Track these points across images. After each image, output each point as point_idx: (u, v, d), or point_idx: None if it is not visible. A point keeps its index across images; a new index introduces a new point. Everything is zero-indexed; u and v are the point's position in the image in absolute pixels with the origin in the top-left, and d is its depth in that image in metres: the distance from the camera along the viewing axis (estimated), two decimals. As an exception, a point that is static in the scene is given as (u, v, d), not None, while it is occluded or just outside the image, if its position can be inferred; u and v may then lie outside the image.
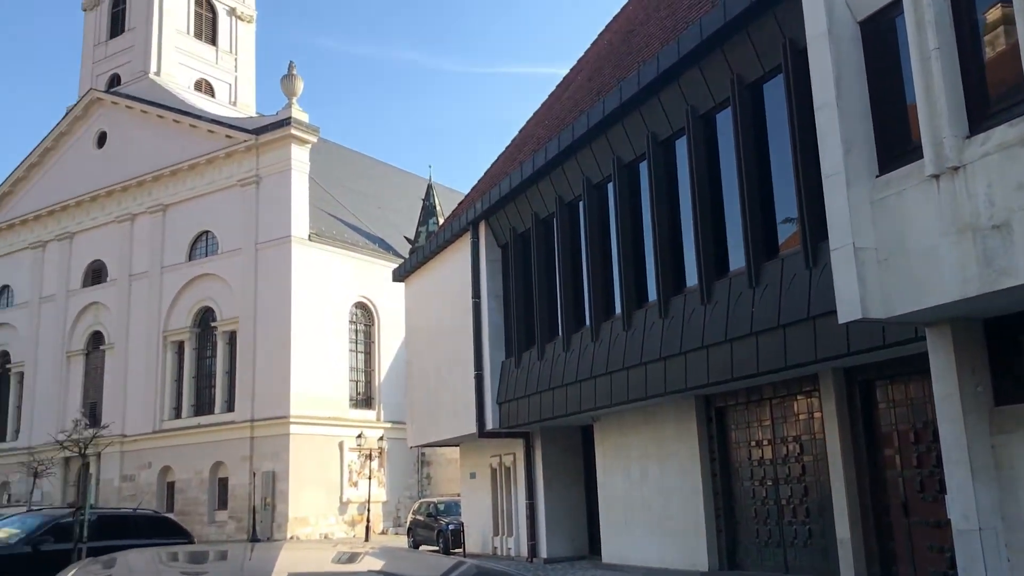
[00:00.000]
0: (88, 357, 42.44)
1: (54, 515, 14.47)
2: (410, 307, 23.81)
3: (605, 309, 15.15)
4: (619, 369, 14.05)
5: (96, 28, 46.97)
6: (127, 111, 42.54)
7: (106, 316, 41.72)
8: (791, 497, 12.40)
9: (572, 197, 16.47)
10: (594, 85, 17.61)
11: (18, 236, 46.15)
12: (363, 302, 39.11)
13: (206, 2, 47.14)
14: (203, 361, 38.83)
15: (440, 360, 21.02)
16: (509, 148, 22.43)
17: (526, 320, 17.78)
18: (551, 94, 22.73)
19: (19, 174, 46.47)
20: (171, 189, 40.38)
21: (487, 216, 18.98)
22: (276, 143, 37.33)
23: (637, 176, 14.61)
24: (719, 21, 11.35)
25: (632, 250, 14.47)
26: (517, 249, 18.38)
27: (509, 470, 19.96)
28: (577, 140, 15.29)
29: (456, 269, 20.28)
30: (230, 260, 37.77)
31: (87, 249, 43.35)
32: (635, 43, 16.92)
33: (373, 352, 39.37)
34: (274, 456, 34.56)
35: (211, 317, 38.35)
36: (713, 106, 12.51)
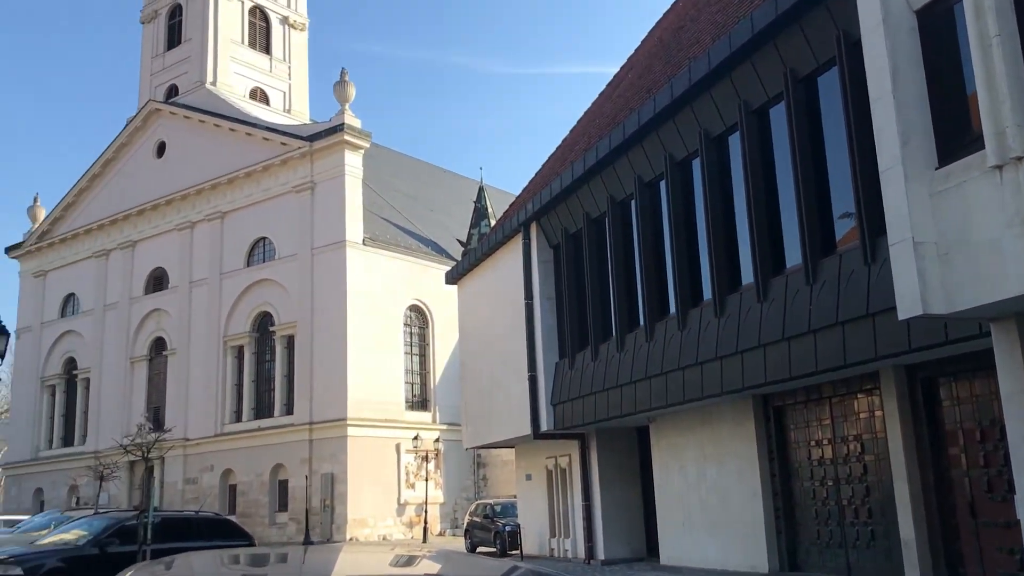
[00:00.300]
0: (151, 363, 43.41)
1: (119, 518, 14.84)
2: (463, 309, 23.89)
3: (659, 308, 15.03)
4: (674, 369, 13.91)
5: (154, 40, 48.06)
6: (185, 121, 43.44)
7: (168, 322, 42.64)
8: (852, 497, 12.16)
9: (624, 196, 16.37)
10: (644, 83, 17.48)
11: (82, 245, 47.39)
12: (417, 305, 39.38)
13: (260, 12, 47.92)
14: (262, 365, 39.47)
15: (494, 362, 21.05)
16: (560, 148, 22.38)
17: (579, 321, 17.71)
18: (601, 93, 22.63)
19: (82, 185, 47.73)
20: (229, 196, 41.12)
21: (538, 217, 18.95)
22: (330, 149, 37.79)
23: (690, 173, 14.47)
24: (771, 15, 11.19)
25: (686, 248, 14.33)
26: (569, 250, 18.33)
27: (565, 471, 19.91)
28: (628, 138, 15.19)
29: (508, 271, 20.29)
30: (287, 265, 38.34)
31: (149, 257, 44.36)
32: (685, 39, 16.77)
33: (428, 354, 39.62)
34: (332, 458, 34.98)
35: (269, 322, 38.95)
36: (766, 101, 12.34)
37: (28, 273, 50.23)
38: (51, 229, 49.03)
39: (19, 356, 49.55)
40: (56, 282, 48.71)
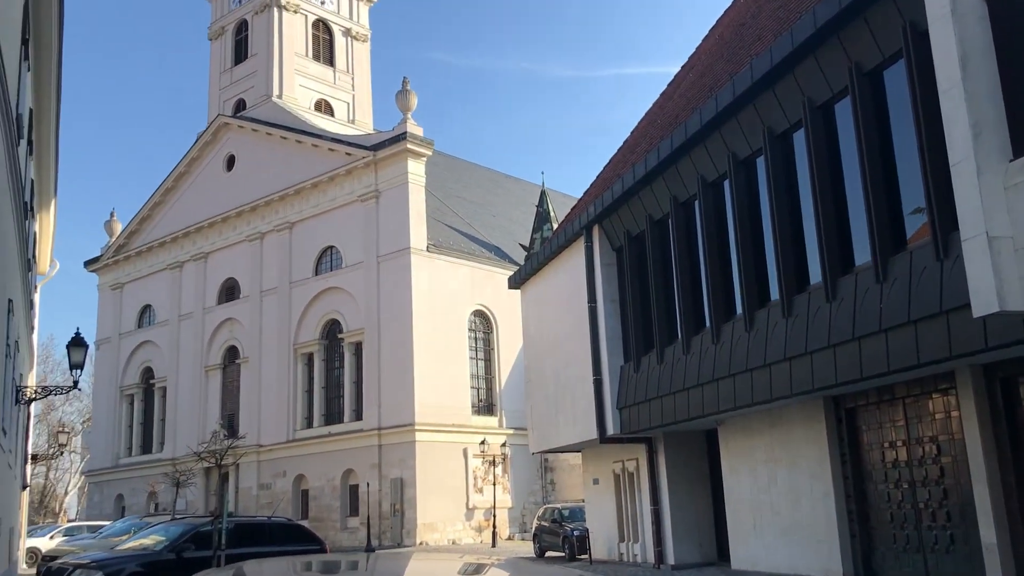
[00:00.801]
0: (225, 371, 44.42)
1: (195, 523, 15.22)
2: (527, 313, 23.91)
3: (725, 310, 14.83)
4: (742, 371, 13.72)
5: (221, 56, 49.23)
6: (253, 134, 44.40)
7: (240, 331, 43.58)
8: (929, 500, 11.83)
9: (687, 196, 16.21)
10: (706, 81, 17.30)
11: (157, 258, 48.75)
12: (481, 310, 39.57)
13: (323, 25, 48.73)
14: (331, 372, 40.08)
15: (559, 366, 21.02)
16: (621, 150, 22.27)
17: (644, 324, 17.57)
18: (662, 93, 22.45)
19: (156, 199, 49.11)
20: (296, 207, 41.89)
21: (600, 220, 18.87)
22: (393, 158, 38.24)
23: (754, 172, 14.26)
24: (834, 8, 10.97)
25: (752, 248, 14.11)
26: (632, 252, 18.21)
27: (632, 475, 19.77)
28: (690, 138, 15.03)
29: (571, 274, 20.25)
30: (353, 273, 38.89)
31: (221, 268, 45.42)
32: (747, 37, 16.55)
33: (493, 359, 39.77)
34: (401, 463, 35.33)
35: (338, 329, 39.54)
36: (831, 96, 12.10)
37: (106, 286, 51.85)
38: (127, 243, 50.54)
39: (99, 367, 51.17)
40: (133, 294, 50.19)
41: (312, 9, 48.20)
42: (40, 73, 13.59)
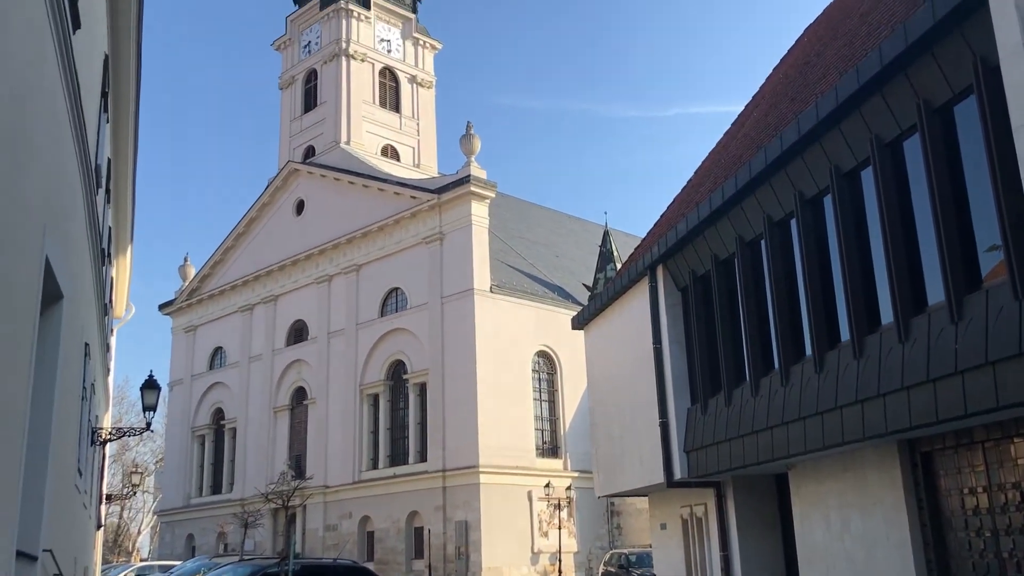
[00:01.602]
0: (293, 412, 45.06)
1: (262, 565, 15.38)
2: (591, 354, 23.77)
3: (794, 351, 14.53)
4: (812, 414, 13.39)
5: (292, 105, 50.65)
6: (321, 179, 45.44)
7: (308, 372, 44.23)
8: (1014, 550, 11.31)
9: (753, 236, 16.02)
10: (771, 120, 17.17)
11: (229, 301, 49.92)
12: (545, 351, 39.50)
13: (389, 73, 49.84)
14: (396, 413, 40.35)
15: (624, 408, 20.81)
16: (685, 189, 22.17)
17: (711, 365, 17.31)
18: (726, 132, 22.35)
19: (228, 243, 50.43)
20: (363, 250, 42.59)
21: (665, 260, 18.73)
22: (457, 201, 38.70)
23: (821, 210, 14.03)
24: (900, 45, 10.81)
25: (820, 288, 13.85)
26: (697, 292, 18.02)
27: (701, 521, 19.36)
28: (755, 177, 14.88)
29: (635, 315, 20.10)
30: (418, 314, 39.25)
31: (290, 310, 46.30)
32: (812, 75, 16.41)
33: (557, 401, 39.60)
34: (466, 506, 35.21)
35: (403, 370, 39.86)
36: (899, 133, 11.88)
37: (179, 328, 53.22)
38: (200, 286, 51.90)
39: (172, 408, 52.37)
40: (205, 336, 51.40)
41: (379, 58, 49.35)
42: (118, 124, 14.14)
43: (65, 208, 7.79)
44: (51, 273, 6.67)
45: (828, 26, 19.29)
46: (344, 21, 48.70)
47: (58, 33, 6.48)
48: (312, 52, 50.34)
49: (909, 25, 10.65)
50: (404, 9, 52.09)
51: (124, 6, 11.33)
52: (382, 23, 50.41)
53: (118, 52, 12.23)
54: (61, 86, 6.96)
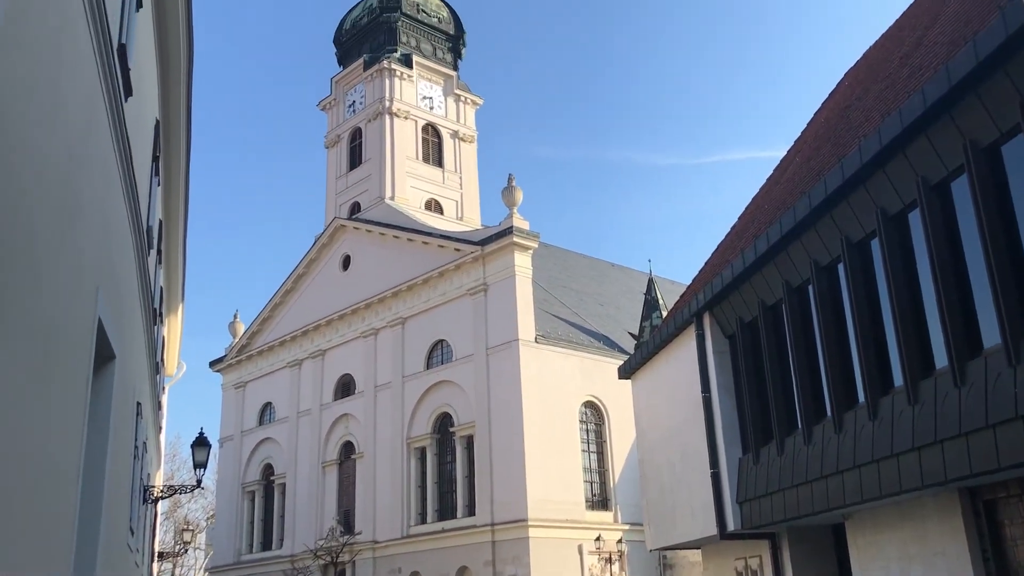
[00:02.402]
0: (341, 466, 45.09)
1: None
2: (638, 404, 23.52)
3: (846, 398, 14.23)
4: (868, 462, 13.05)
5: (337, 162, 51.63)
6: (367, 234, 46.04)
7: (356, 426, 44.34)
8: (1088, 603, 10.84)
9: (800, 281, 15.82)
10: (814, 165, 17.06)
11: (278, 356, 50.43)
12: (592, 401, 39.19)
13: (432, 129, 50.65)
14: (444, 466, 40.16)
15: (673, 458, 20.49)
16: (729, 235, 22.04)
17: (761, 413, 17.02)
18: (769, 178, 22.26)
19: (277, 299, 51.13)
20: (408, 303, 42.89)
21: (711, 307, 18.57)
22: (500, 252, 38.89)
23: (869, 254, 13.83)
24: (943, 87, 10.72)
25: (871, 333, 13.59)
26: (745, 339, 17.79)
27: (756, 573, 18.86)
28: (800, 222, 14.75)
29: (683, 363, 19.89)
30: (464, 366, 39.25)
31: (337, 364, 46.61)
32: (854, 119, 16.32)
33: (605, 452, 39.15)
34: (515, 560, 34.76)
35: (449, 423, 39.77)
36: (946, 175, 11.72)
37: (229, 385, 53.81)
38: (250, 343, 52.54)
39: (222, 464, 52.74)
40: (254, 392, 51.89)
41: (421, 115, 50.21)
42: (169, 186, 14.51)
43: (117, 270, 7.97)
44: (103, 334, 6.81)
45: (868, 70, 19.23)
46: (388, 80, 49.72)
47: (111, 100, 6.70)
48: (357, 111, 51.40)
49: (952, 66, 10.58)
50: (445, 67, 53.07)
51: (174, 73, 11.69)
52: (424, 81, 51.37)
53: (169, 117, 12.60)
54: (114, 151, 7.17)
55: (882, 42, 20.34)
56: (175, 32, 11.27)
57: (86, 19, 5.77)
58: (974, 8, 12.44)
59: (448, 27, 54.92)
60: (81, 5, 5.61)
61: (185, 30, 11.37)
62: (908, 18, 18.87)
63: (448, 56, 54.40)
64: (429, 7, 54.49)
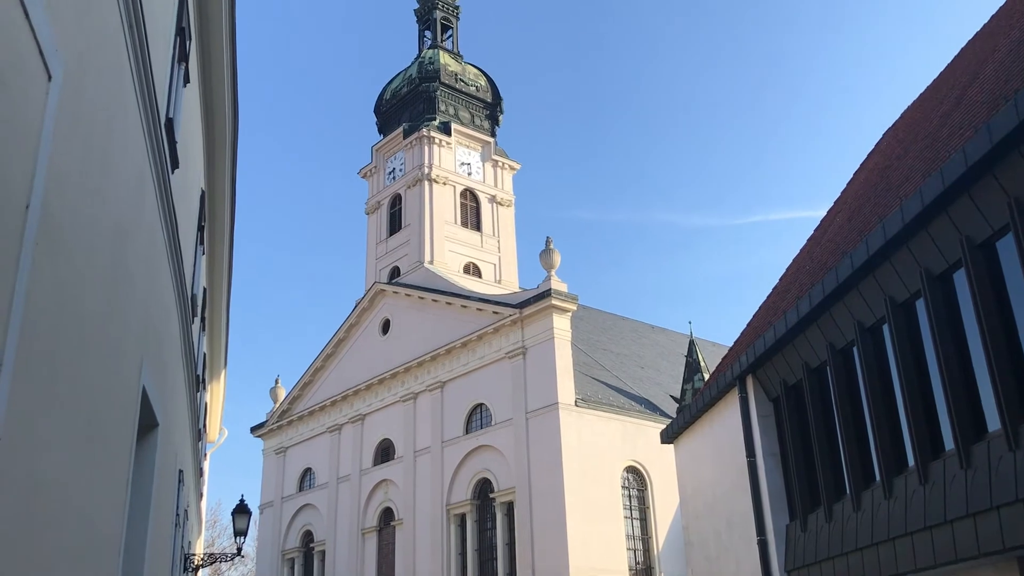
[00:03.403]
0: (380, 533, 44.69)
1: None
2: (682, 469, 23.11)
3: (896, 462, 13.87)
4: (920, 529, 12.65)
5: (377, 228, 52.33)
6: (406, 298, 46.34)
7: (395, 492, 44.05)
8: None
9: (844, 343, 15.58)
10: (855, 225, 16.93)
11: (318, 421, 50.53)
12: (634, 466, 38.59)
13: (470, 194, 51.26)
14: (484, 533, 39.62)
15: (719, 524, 20.03)
16: (771, 296, 21.83)
17: (808, 479, 16.63)
18: (809, 238, 22.10)
19: (317, 364, 51.42)
20: (447, 366, 42.87)
21: (754, 369, 18.31)
22: (538, 315, 38.86)
23: (914, 315, 13.60)
24: (985, 146, 10.64)
25: (919, 395, 13.29)
26: (790, 402, 17.48)
27: (807, 645, 18.22)
28: (843, 283, 14.59)
29: (726, 427, 19.57)
30: (503, 431, 38.98)
31: (377, 429, 46.56)
32: (894, 178, 16.23)
33: (649, 518, 38.39)
34: (557, 630, 33.99)
35: (489, 488, 39.35)
36: (991, 233, 11.55)
37: (270, 450, 53.91)
38: (290, 408, 52.75)
39: (262, 530, 52.54)
40: (295, 458, 51.89)
41: (460, 180, 50.90)
42: (214, 254, 14.78)
43: (162, 338, 8.08)
44: (147, 403, 6.88)
45: (908, 129, 19.17)
46: (427, 148, 50.59)
47: (158, 173, 6.87)
48: (397, 178, 52.26)
49: (993, 125, 10.52)
50: (483, 134, 53.91)
51: (220, 145, 11.99)
52: (462, 147, 52.18)
53: (214, 187, 12.89)
54: (160, 222, 7.33)
55: (921, 101, 20.31)
56: (220, 105, 11.60)
57: (135, 94, 5.96)
58: (1014, 65, 12.40)
59: (485, 95, 55.93)
60: (131, 81, 5.80)
61: (230, 103, 11.70)
62: (947, 76, 18.85)
63: (486, 123, 55.29)
64: (467, 76, 55.61)
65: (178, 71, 8.21)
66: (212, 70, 11.09)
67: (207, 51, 10.77)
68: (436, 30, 57.73)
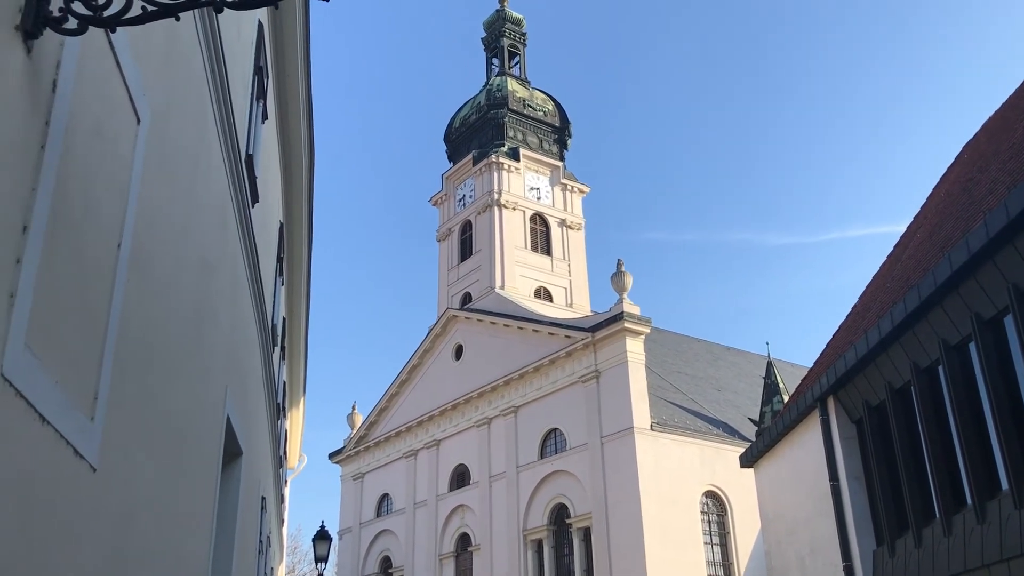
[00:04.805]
0: (458, 559, 44.70)
1: None
2: (763, 493, 22.61)
3: (988, 485, 13.34)
4: (1017, 555, 12.13)
5: (449, 255, 52.82)
6: (478, 324, 46.56)
7: (471, 518, 44.05)
8: None
9: (929, 362, 15.10)
10: (936, 240, 16.47)
11: (394, 447, 50.96)
12: (713, 491, 37.89)
13: (540, 218, 51.40)
14: (561, 559, 39.31)
15: (802, 550, 19.52)
16: (851, 315, 21.32)
17: (895, 502, 16.10)
18: (889, 255, 21.56)
19: (392, 390, 51.94)
20: (520, 391, 42.85)
21: (835, 390, 17.86)
22: (611, 338, 38.61)
23: (1003, 332, 13.12)
24: (1073, 154, 10.26)
25: (1011, 415, 12.79)
26: (873, 424, 16.99)
27: (899, 676, 17.56)
28: (925, 301, 14.16)
29: (808, 450, 19.11)
30: (578, 455, 38.71)
31: (452, 454, 46.72)
32: (976, 192, 15.75)
33: (729, 544, 37.60)
34: (638, 658, 33.46)
35: (565, 514, 39.07)
36: (1083, 245, 11.12)
37: (348, 476, 54.51)
38: (367, 434, 53.33)
39: (342, 556, 53.05)
40: (372, 483, 52.37)
41: (529, 205, 51.11)
42: (292, 285, 15.11)
43: (244, 368, 8.28)
44: (231, 431, 7.04)
45: (989, 141, 18.63)
46: (496, 174, 50.97)
47: (239, 207, 7.08)
48: (467, 204, 52.75)
49: (1080, 133, 10.14)
50: (552, 158, 54.10)
51: (296, 178, 12.28)
52: (531, 172, 52.42)
53: (291, 219, 13.20)
54: (242, 255, 7.54)
55: (1002, 112, 19.72)
56: (297, 140, 11.90)
57: (217, 132, 6.16)
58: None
59: (553, 119, 56.16)
60: (213, 119, 6.01)
61: (306, 137, 12.00)
62: (1028, 86, 18.30)
63: (554, 147, 55.47)
64: (535, 102, 55.95)
65: (256, 108, 8.47)
66: (288, 105, 11.40)
67: (283, 87, 11.09)
68: (503, 57, 58.30)
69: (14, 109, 2.51)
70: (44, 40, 2.68)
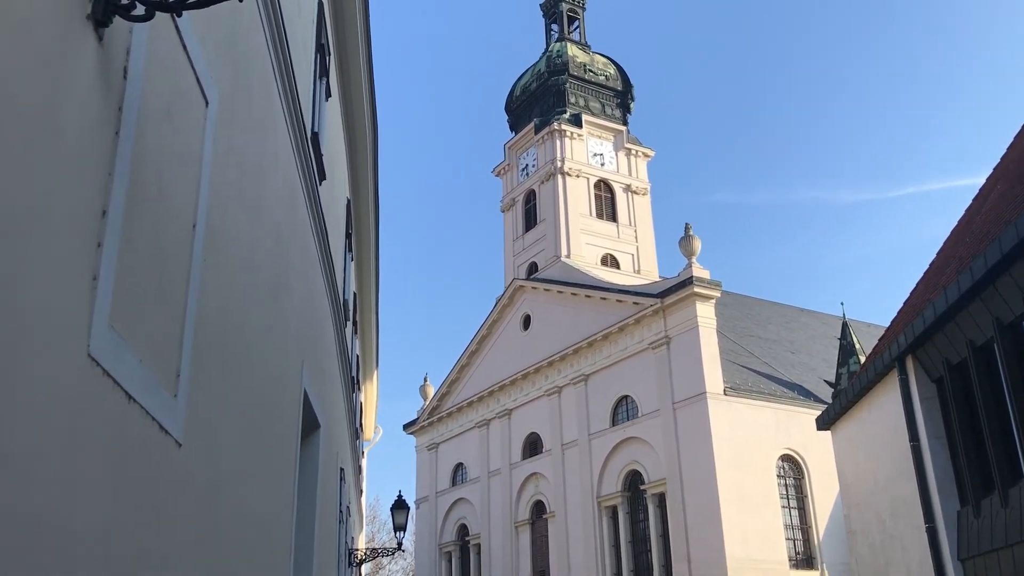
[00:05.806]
0: (533, 526, 45.15)
1: None
2: (840, 455, 22.27)
3: (1079, 442, 12.92)
4: (1111, 513, 11.74)
5: (513, 225, 52.84)
6: (545, 293, 46.60)
7: (545, 485, 44.40)
8: None
9: (1012, 318, 14.61)
10: (1017, 192, 15.87)
11: (466, 417, 51.53)
12: (790, 454, 37.47)
13: (604, 185, 51.01)
14: (636, 525, 39.40)
15: (883, 512, 19.21)
16: (928, 272, 20.72)
17: (979, 462, 15.70)
18: (968, 208, 20.85)
19: (463, 361, 52.44)
20: (590, 359, 42.84)
21: (914, 349, 17.43)
22: (680, 303, 38.28)
23: (1091, 284, 12.64)
24: None
25: (1102, 370, 12.34)
26: (955, 382, 16.55)
27: (987, 638, 17.22)
28: (1007, 254, 13.68)
29: (887, 411, 18.73)
30: (650, 422, 38.63)
31: (523, 423, 47.05)
32: (1061, 138, 15.09)
33: (807, 507, 37.19)
34: (716, 623, 33.43)
35: (639, 480, 39.10)
36: None
37: (423, 447, 55.38)
38: (439, 405, 54.03)
39: (419, 524, 54.07)
40: (446, 453, 53.13)
41: (593, 172, 50.73)
42: (361, 260, 15.31)
43: (319, 343, 8.44)
44: (309, 405, 7.20)
45: (1074, 84, 17.79)
46: (558, 141, 50.66)
47: (307, 185, 7.18)
48: (530, 174, 52.58)
49: None
50: (615, 123, 53.50)
51: (361, 155, 12.39)
52: (594, 138, 51.96)
53: (358, 196, 13.34)
54: (312, 232, 7.65)
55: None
56: (360, 116, 11.99)
57: (283, 112, 6.24)
58: None
59: (616, 84, 55.47)
60: (279, 99, 6.08)
61: (369, 113, 12.08)
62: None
63: (617, 112, 54.84)
64: (596, 67, 55.32)
65: (320, 86, 8.55)
66: (351, 83, 11.49)
67: (345, 65, 11.16)
68: (563, 22, 57.73)
69: (89, 97, 2.57)
70: (113, 28, 2.73)
